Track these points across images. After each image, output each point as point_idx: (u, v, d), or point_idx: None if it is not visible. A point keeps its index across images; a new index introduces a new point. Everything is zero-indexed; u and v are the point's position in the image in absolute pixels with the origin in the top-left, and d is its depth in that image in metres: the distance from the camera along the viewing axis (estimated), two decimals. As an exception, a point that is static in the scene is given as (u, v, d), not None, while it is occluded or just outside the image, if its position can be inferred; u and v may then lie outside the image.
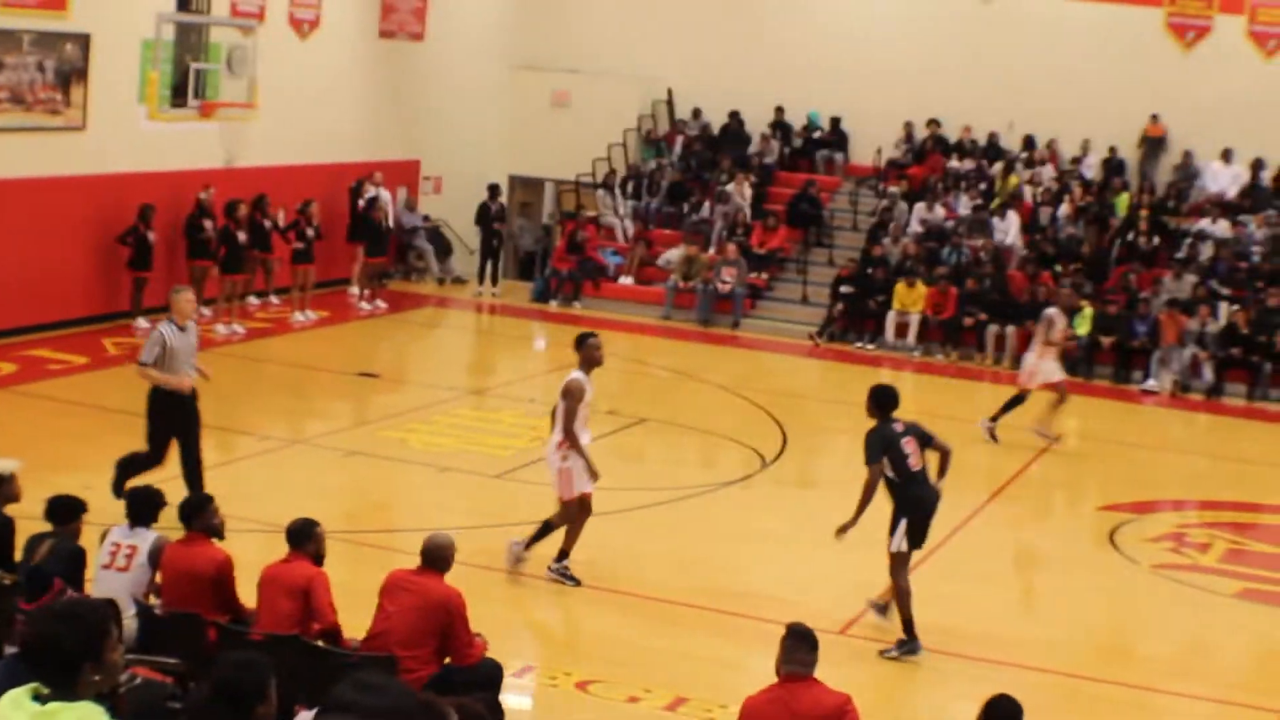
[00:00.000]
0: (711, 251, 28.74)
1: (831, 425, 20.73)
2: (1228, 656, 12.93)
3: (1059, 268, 27.49)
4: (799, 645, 7.64)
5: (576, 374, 12.84)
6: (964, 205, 29.44)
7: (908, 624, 11.80)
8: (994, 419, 19.59)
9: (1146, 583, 14.49)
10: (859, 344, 26.94)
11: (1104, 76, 29.95)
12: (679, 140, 32.21)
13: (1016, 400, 19.64)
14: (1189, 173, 29.60)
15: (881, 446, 11.71)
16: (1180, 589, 14.07)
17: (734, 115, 31.98)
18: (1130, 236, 28.25)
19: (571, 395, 12.70)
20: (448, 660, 9.18)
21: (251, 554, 10.49)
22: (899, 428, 11.88)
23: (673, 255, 28.76)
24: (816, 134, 32.04)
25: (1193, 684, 12.07)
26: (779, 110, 32.05)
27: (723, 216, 29.64)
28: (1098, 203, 29.11)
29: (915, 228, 29.11)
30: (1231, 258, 27.24)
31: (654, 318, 27.68)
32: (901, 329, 26.79)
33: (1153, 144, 30.00)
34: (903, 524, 11.73)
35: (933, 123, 31.16)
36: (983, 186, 29.86)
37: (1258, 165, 29.23)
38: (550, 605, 11.98)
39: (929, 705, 11.72)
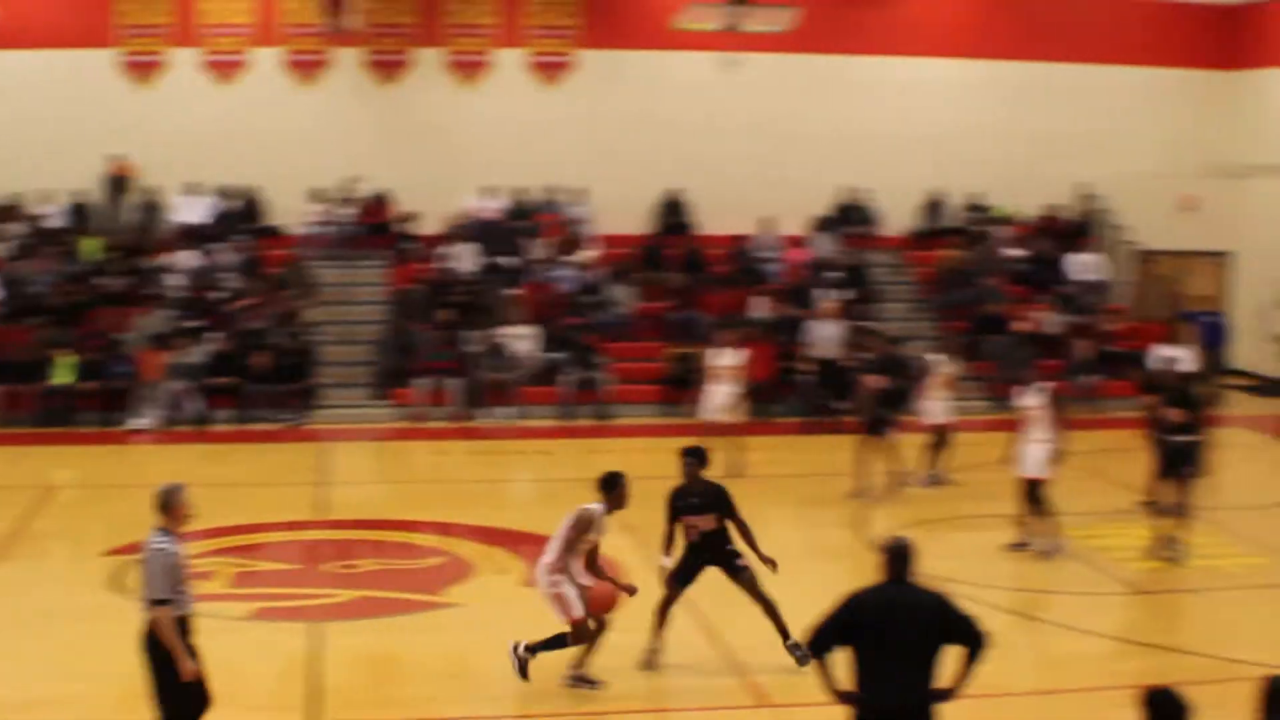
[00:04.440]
0: None
1: None
2: (253, 677, 13.06)
3: (36, 319, 26.94)
4: None
5: (596, 507, 12.46)
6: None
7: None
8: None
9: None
10: None
11: (60, 124, 29.60)
12: None
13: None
14: (154, 208, 29.80)
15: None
16: (197, 621, 14.08)
17: None
18: (101, 279, 28.03)
19: (580, 525, 12.38)
20: None
21: None
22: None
23: None
24: None
25: (232, 713, 12.05)
26: None
27: None
28: (65, 250, 28.65)
29: None
30: (205, 287, 27.73)
31: None
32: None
33: (117, 183, 29.89)
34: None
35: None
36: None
37: (227, 191, 29.96)
38: None
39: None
